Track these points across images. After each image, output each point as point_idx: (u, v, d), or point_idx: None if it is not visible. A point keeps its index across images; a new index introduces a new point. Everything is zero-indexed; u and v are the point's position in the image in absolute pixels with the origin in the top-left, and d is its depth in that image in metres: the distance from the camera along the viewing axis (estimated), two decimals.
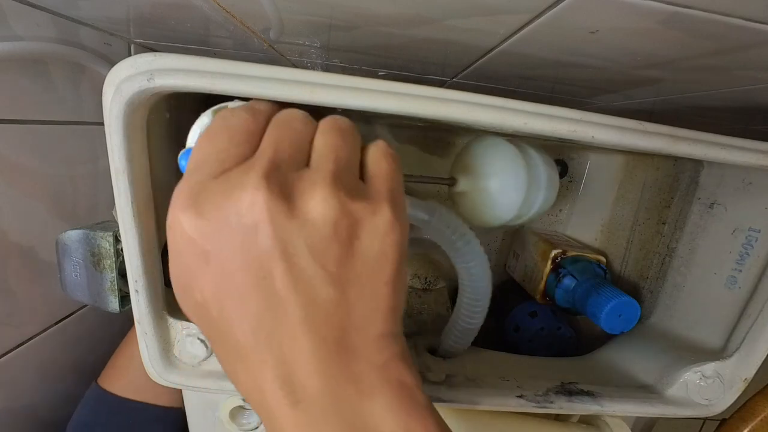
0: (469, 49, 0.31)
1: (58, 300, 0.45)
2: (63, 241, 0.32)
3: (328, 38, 0.34)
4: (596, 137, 0.27)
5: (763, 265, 0.37)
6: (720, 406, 0.38)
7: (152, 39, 0.45)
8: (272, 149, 0.19)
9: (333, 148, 0.20)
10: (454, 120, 0.26)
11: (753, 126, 0.45)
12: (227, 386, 0.33)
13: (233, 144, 0.20)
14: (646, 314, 0.48)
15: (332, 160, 0.20)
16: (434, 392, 0.34)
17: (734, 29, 0.20)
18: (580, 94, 0.43)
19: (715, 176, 0.42)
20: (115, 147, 0.25)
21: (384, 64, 0.41)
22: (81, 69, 0.43)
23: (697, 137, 0.29)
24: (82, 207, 0.47)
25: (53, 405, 0.47)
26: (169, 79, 0.23)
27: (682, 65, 0.27)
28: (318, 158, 0.20)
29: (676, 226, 0.46)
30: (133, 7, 0.32)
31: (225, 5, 0.27)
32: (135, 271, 0.29)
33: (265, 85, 0.24)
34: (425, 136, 0.53)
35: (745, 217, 0.39)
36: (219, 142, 0.20)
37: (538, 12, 0.21)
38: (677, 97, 0.37)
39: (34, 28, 0.36)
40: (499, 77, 0.38)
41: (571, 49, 0.27)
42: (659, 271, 0.48)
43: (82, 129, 0.45)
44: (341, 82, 0.25)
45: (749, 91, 0.31)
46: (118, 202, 0.27)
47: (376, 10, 0.25)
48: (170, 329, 0.32)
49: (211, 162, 0.19)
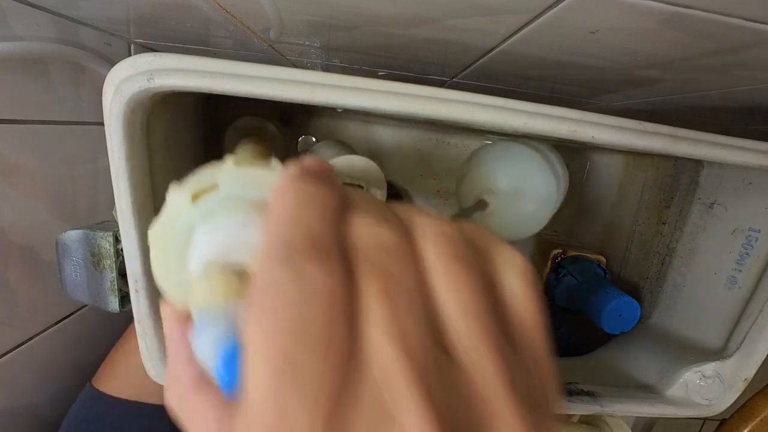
0: (469, 49, 0.31)
1: (58, 300, 0.45)
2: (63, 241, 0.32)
3: (328, 38, 0.34)
4: (596, 137, 0.27)
5: (763, 265, 0.37)
6: (720, 406, 0.38)
7: (152, 39, 0.44)
8: (404, 354, 0.11)
9: (493, 345, 0.12)
10: (454, 120, 0.26)
11: (753, 126, 0.45)
12: None
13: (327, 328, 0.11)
14: (646, 314, 0.48)
15: (506, 382, 0.12)
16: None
17: (734, 29, 0.20)
18: (580, 94, 0.43)
19: (715, 176, 0.42)
20: (115, 147, 0.25)
21: (384, 64, 0.41)
22: (81, 69, 0.43)
23: (697, 137, 0.29)
24: (82, 207, 0.47)
25: (53, 405, 0.47)
26: (169, 79, 0.23)
27: (682, 65, 0.27)
28: (486, 383, 0.12)
29: (676, 226, 0.46)
30: (133, 7, 0.32)
31: (225, 5, 0.27)
32: (135, 271, 0.29)
33: (265, 85, 0.24)
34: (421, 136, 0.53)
35: (745, 217, 0.39)
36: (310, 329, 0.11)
37: (538, 12, 0.21)
38: (677, 97, 0.37)
39: (34, 28, 0.36)
40: (499, 77, 0.38)
41: (571, 49, 0.27)
42: (659, 271, 0.48)
43: (82, 129, 0.45)
44: (341, 82, 0.25)
45: (749, 91, 0.31)
46: (118, 202, 0.27)
47: (376, 10, 0.25)
48: None
49: (306, 378, 0.10)
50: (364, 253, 0.13)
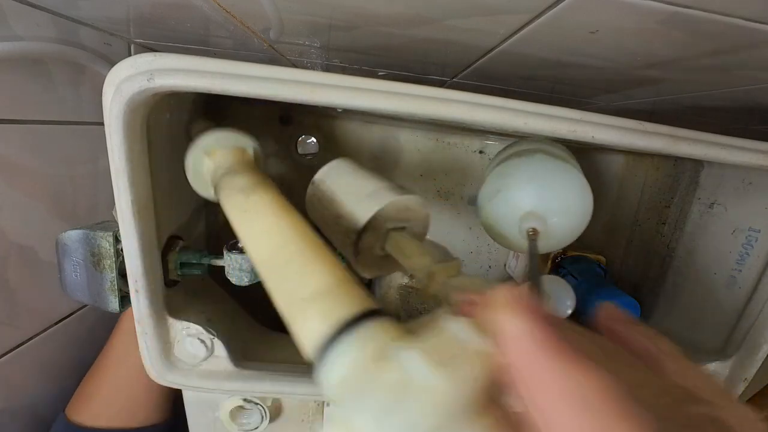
0: (469, 49, 0.31)
1: (58, 300, 0.45)
2: (63, 241, 0.32)
3: (328, 38, 0.34)
4: (596, 137, 0.27)
5: (763, 265, 0.37)
6: None
7: (152, 39, 0.44)
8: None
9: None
10: (454, 120, 0.26)
11: (753, 126, 0.45)
12: (227, 386, 0.33)
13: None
14: (646, 314, 0.48)
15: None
16: None
17: (734, 29, 0.20)
18: (580, 94, 0.43)
19: (715, 176, 0.42)
20: (115, 147, 0.25)
21: (384, 64, 0.41)
22: (81, 69, 0.43)
23: (697, 137, 0.29)
24: (82, 207, 0.47)
25: (53, 405, 0.47)
26: (169, 79, 0.23)
27: (682, 65, 0.27)
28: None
29: (676, 226, 0.46)
30: (133, 7, 0.32)
31: (225, 5, 0.27)
32: (135, 271, 0.29)
33: (265, 85, 0.24)
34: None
35: (745, 217, 0.39)
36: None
37: (538, 12, 0.21)
38: (677, 97, 0.37)
39: (34, 28, 0.36)
40: (499, 77, 0.38)
41: (571, 49, 0.27)
42: (659, 271, 0.48)
43: (82, 129, 0.45)
44: (341, 82, 0.25)
45: (749, 91, 0.31)
46: (118, 202, 0.27)
47: (376, 10, 0.25)
48: (170, 329, 0.32)
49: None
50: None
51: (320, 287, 0.18)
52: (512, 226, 0.34)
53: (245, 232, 0.23)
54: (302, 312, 0.17)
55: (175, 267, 0.33)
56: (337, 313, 0.16)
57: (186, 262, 0.34)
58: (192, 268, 0.34)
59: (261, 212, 0.23)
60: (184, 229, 0.37)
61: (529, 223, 0.33)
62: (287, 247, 0.20)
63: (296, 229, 0.22)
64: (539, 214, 0.33)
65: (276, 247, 0.21)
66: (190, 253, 0.34)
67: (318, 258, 0.20)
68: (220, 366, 0.33)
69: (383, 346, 0.14)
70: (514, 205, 0.34)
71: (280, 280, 0.19)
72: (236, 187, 0.25)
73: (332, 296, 0.17)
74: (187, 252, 0.34)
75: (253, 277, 0.31)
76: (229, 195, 0.25)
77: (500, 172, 0.36)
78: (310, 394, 0.34)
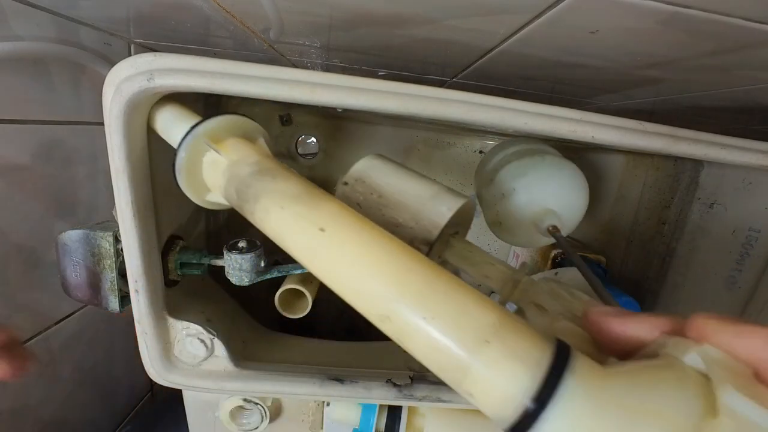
0: (469, 49, 0.31)
1: (58, 300, 0.45)
2: (63, 241, 0.32)
3: (328, 38, 0.34)
4: (596, 137, 0.27)
5: (763, 265, 0.37)
6: None
7: (152, 39, 0.45)
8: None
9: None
10: (454, 120, 0.26)
11: (753, 126, 0.45)
12: (227, 386, 0.33)
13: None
14: None
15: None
16: (433, 393, 0.34)
17: (734, 29, 0.20)
18: (580, 94, 0.43)
19: (715, 176, 0.42)
20: (115, 147, 0.25)
21: (384, 64, 0.41)
22: (81, 69, 0.43)
23: (697, 137, 0.29)
24: (82, 207, 0.47)
25: (53, 405, 0.47)
26: (169, 79, 0.23)
27: (682, 65, 0.27)
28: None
29: (676, 226, 0.46)
30: (133, 7, 0.32)
31: (225, 5, 0.27)
32: (135, 271, 0.29)
33: (265, 85, 0.24)
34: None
35: (745, 217, 0.39)
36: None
37: (538, 12, 0.21)
38: (677, 97, 0.37)
39: (34, 28, 0.36)
40: (499, 77, 0.38)
41: (571, 49, 0.27)
42: (659, 271, 0.48)
43: (82, 129, 0.45)
44: (341, 82, 0.25)
45: (749, 91, 0.31)
46: (118, 202, 0.27)
47: (376, 10, 0.25)
48: (170, 329, 0.32)
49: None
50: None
51: (488, 321, 0.14)
52: (527, 224, 0.37)
53: (327, 257, 0.18)
54: (476, 355, 0.14)
55: (175, 267, 0.33)
56: (529, 352, 0.13)
57: (186, 262, 0.34)
58: (192, 268, 0.34)
59: (347, 230, 0.18)
60: (184, 229, 0.37)
61: (550, 221, 0.35)
62: (412, 275, 0.16)
63: (404, 249, 0.17)
64: (556, 211, 0.36)
65: (397, 276, 0.16)
66: (190, 253, 0.34)
67: (453, 282, 0.16)
68: (220, 366, 0.33)
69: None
70: (531, 204, 0.37)
71: (420, 317, 0.15)
72: (288, 194, 0.20)
73: (508, 331, 0.14)
74: (187, 252, 0.34)
75: (253, 277, 0.31)
76: (272, 204, 0.20)
77: (512, 172, 0.39)
78: (310, 394, 0.34)
